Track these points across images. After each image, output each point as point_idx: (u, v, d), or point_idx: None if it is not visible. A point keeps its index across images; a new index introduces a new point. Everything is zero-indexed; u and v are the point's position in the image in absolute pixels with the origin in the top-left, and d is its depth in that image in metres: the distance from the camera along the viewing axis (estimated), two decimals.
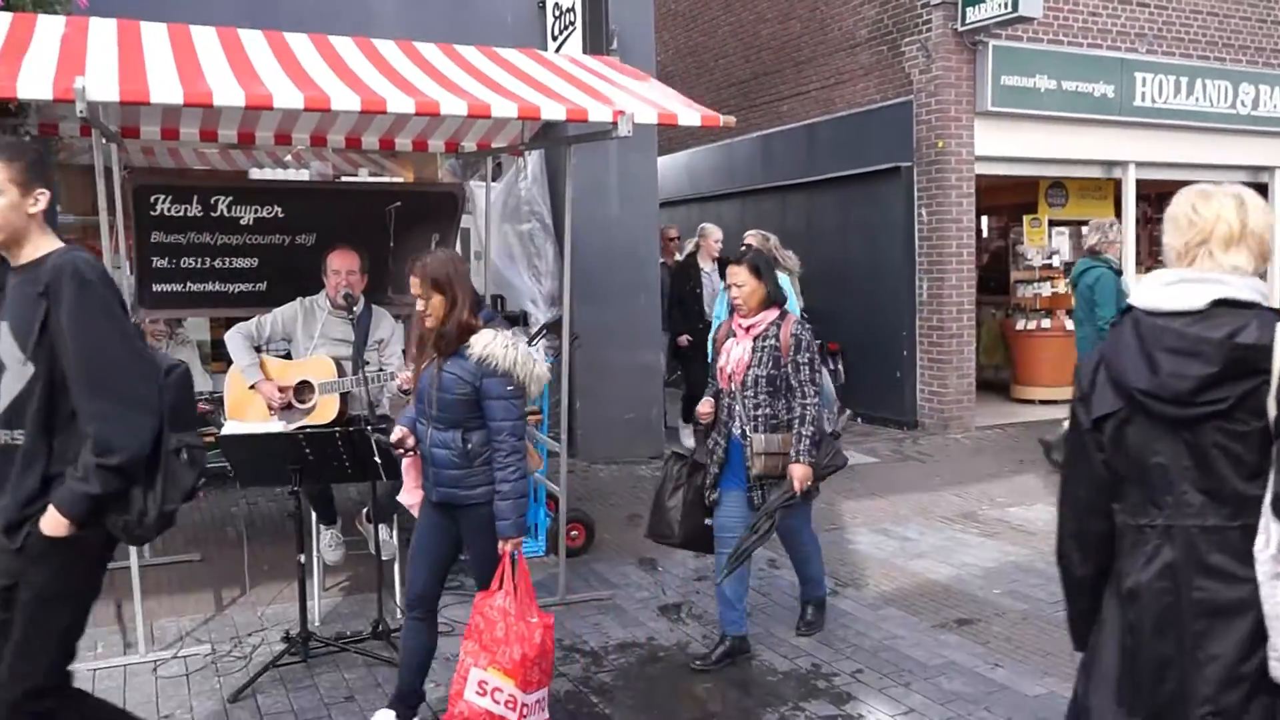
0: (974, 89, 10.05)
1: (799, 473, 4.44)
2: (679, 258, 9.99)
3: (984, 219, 13.06)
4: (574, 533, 6.17)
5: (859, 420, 10.55)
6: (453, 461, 3.71)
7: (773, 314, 4.56)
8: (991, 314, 12.37)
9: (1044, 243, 11.80)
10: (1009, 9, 9.29)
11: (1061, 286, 11.35)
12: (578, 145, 5.60)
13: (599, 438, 8.74)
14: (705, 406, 4.71)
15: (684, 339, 9.07)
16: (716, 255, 8.88)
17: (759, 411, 4.50)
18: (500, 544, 3.71)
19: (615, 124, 4.69)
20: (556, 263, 8.75)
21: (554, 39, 8.33)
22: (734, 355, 4.57)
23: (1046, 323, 11.53)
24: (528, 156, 8.56)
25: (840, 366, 9.96)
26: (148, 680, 4.54)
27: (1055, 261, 11.69)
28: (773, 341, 4.49)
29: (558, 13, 8.28)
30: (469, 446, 3.69)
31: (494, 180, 8.03)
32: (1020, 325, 11.71)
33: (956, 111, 10.00)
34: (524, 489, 3.73)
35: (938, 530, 6.88)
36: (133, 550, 4.81)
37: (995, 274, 12.68)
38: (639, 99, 5.08)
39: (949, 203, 10.04)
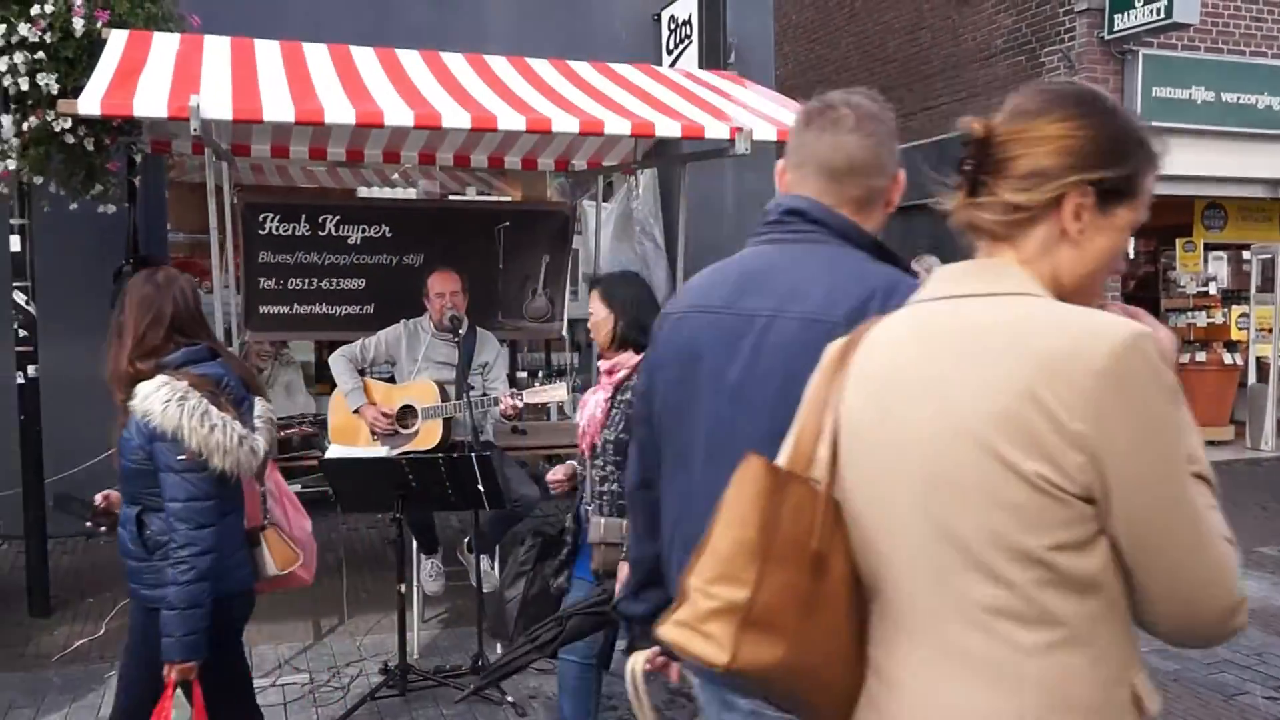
0: (1121, 101, 9.77)
1: (625, 573, 3.30)
2: None
3: (1130, 241, 12.66)
4: None
5: None
6: (128, 549, 3.05)
7: (634, 359, 3.52)
8: None
9: (1199, 269, 11.37)
10: (1162, 15, 9.04)
11: (1219, 317, 10.92)
12: (692, 163, 5.63)
13: None
14: (560, 472, 3.91)
15: None
16: None
17: (605, 487, 3.50)
18: (165, 669, 2.89)
19: (733, 141, 4.71)
20: (668, 284, 8.79)
21: (669, 52, 8.41)
22: (589, 409, 3.65)
23: (1201, 355, 11.09)
24: (640, 175, 8.64)
25: None
26: None
27: (1212, 289, 11.25)
28: (628, 396, 3.44)
29: (674, 26, 8.36)
30: (146, 532, 3.00)
31: (604, 200, 8.13)
32: None
33: None
34: (198, 597, 2.87)
35: None
36: None
37: (1143, 302, 12.27)
38: (758, 115, 5.09)
39: None
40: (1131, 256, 12.65)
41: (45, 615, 5.81)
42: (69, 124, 5.01)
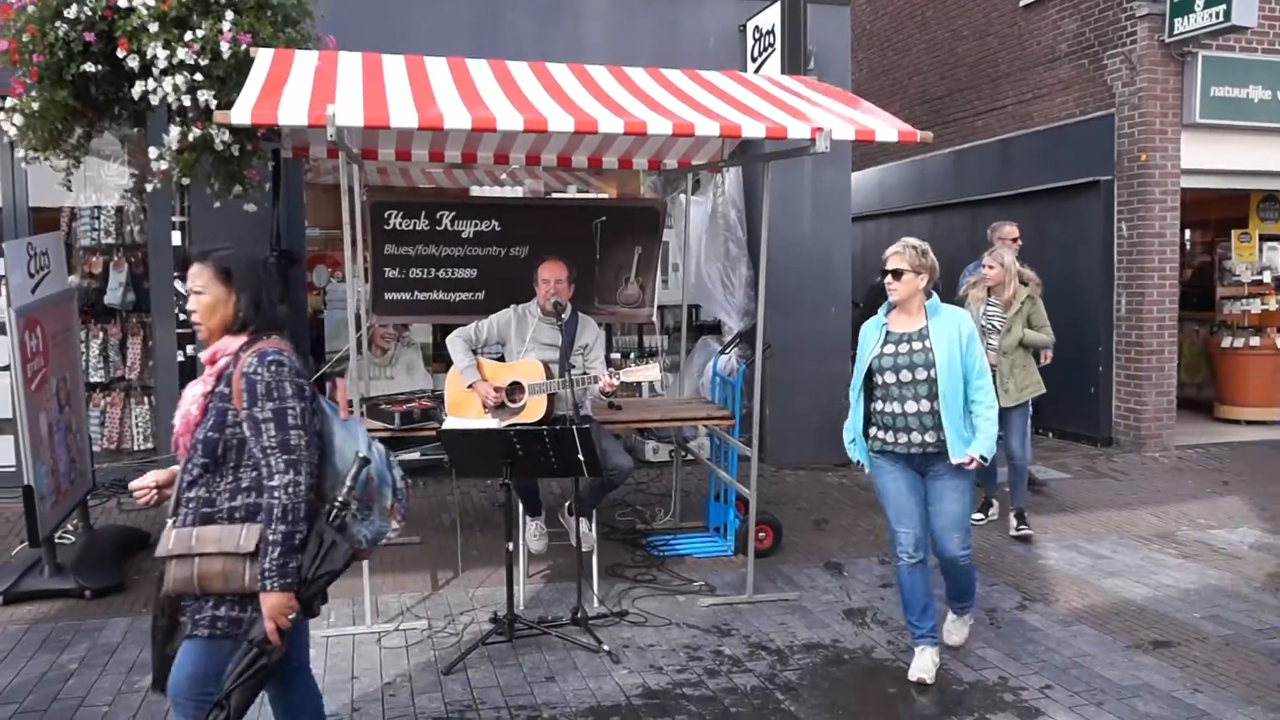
0: (1181, 101, 9.41)
1: (271, 605, 2.70)
2: (878, 280, 8.52)
3: (1187, 233, 12.20)
4: (762, 534, 6.14)
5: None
6: None
7: (235, 343, 2.88)
8: (1194, 330, 11.53)
9: (1254, 258, 10.91)
10: (1221, 19, 8.66)
11: (1273, 304, 10.48)
12: (774, 161, 5.58)
13: (788, 444, 8.66)
14: (148, 479, 3.02)
15: None
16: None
17: (193, 492, 2.83)
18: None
19: (813, 140, 4.64)
20: (750, 275, 8.73)
21: (754, 60, 8.32)
22: (184, 404, 2.88)
23: (1256, 340, 10.65)
24: (725, 173, 8.58)
25: None
26: (373, 649, 4.79)
27: (1266, 277, 10.78)
28: (224, 388, 2.81)
29: (758, 35, 8.27)
30: None
31: (693, 196, 8.10)
32: (1227, 343, 10.86)
33: (1161, 124, 9.39)
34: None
35: (1133, 549, 6.47)
36: None
37: (1199, 289, 11.82)
38: (836, 116, 5.01)
39: (1151, 217, 9.43)
40: (1188, 248, 12.21)
41: None
42: (225, 134, 5.15)
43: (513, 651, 4.73)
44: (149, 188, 5.68)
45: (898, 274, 4.38)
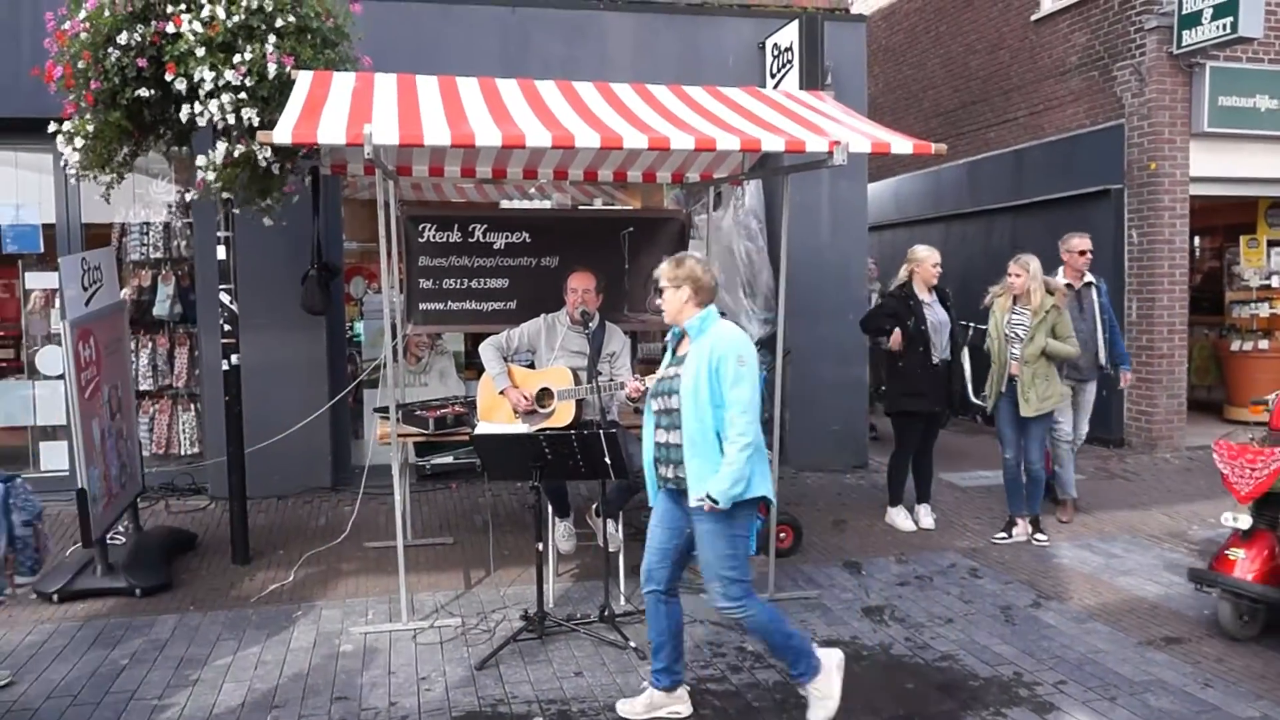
0: (1189, 110, 9.32)
1: None
2: (890, 288, 7.50)
3: (1196, 239, 12.07)
4: (782, 534, 6.12)
5: None
6: None
7: None
8: (1204, 334, 11.40)
9: (1263, 263, 10.78)
10: (1228, 30, 8.57)
11: None
12: (793, 174, 5.57)
13: (807, 446, 8.63)
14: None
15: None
16: (935, 283, 6.83)
17: None
18: None
19: (831, 154, 4.63)
20: (771, 283, 8.71)
21: (772, 76, 8.31)
22: None
23: (1265, 343, 10.52)
24: (746, 185, 8.57)
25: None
26: (408, 645, 4.81)
27: (1274, 282, 10.65)
28: None
29: (776, 52, 8.26)
30: None
31: (715, 209, 8.10)
32: (1236, 346, 10.73)
33: (1170, 134, 9.30)
34: None
35: (1145, 548, 6.40)
36: (399, 532, 5.14)
37: (1208, 294, 11.69)
38: (853, 130, 5.00)
39: (1161, 224, 9.34)
40: (1197, 254, 12.07)
41: (245, 564, 6.06)
42: (268, 151, 5.20)
43: (543, 647, 4.74)
44: (188, 197, 5.74)
45: (659, 290, 3.91)
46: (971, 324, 6.96)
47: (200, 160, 5.37)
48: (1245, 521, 4.84)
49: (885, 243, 12.95)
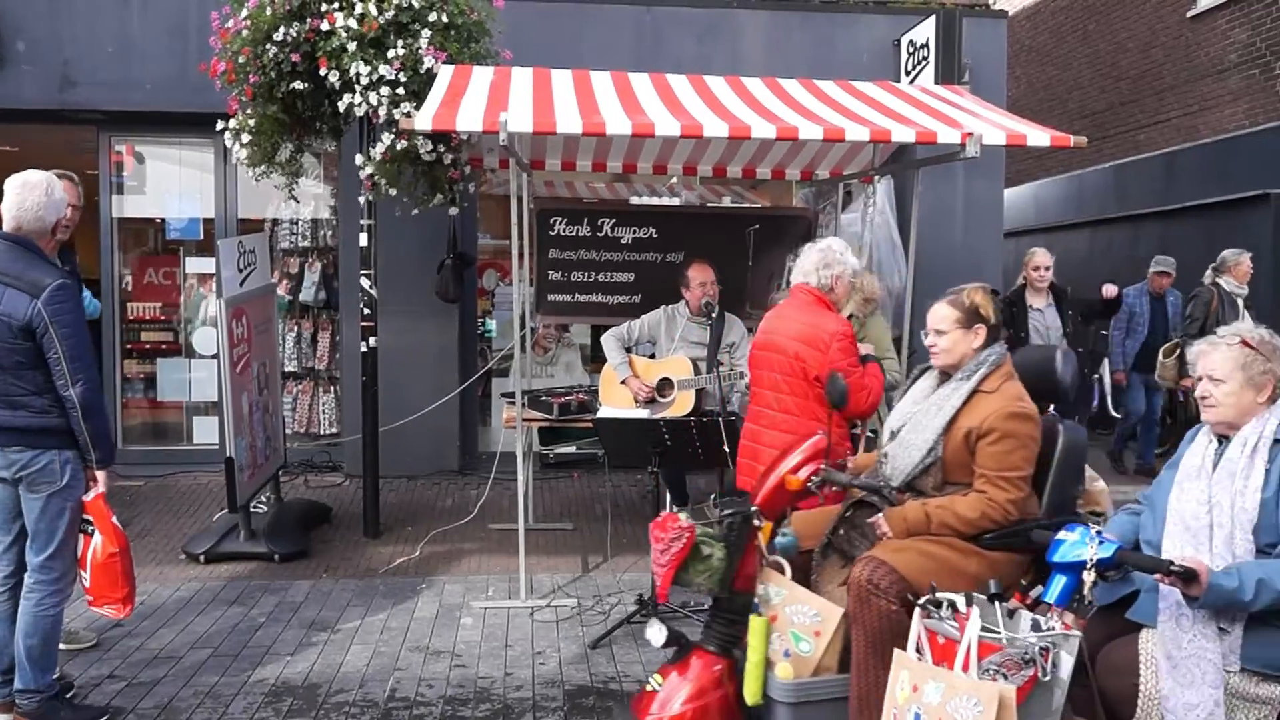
0: None
1: None
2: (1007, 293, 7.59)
3: None
4: None
5: None
6: None
7: None
8: None
9: None
10: None
11: None
12: (925, 171, 5.47)
13: None
14: None
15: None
16: (1042, 285, 7.01)
17: None
18: None
19: (963, 146, 4.54)
20: (901, 284, 8.55)
21: (907, 74, 8.18)
22: None
23: None
24: (876, 184, 8.45)
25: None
26: (526, 622, 4.95)
27: None
28: None
29: (911, 49, 8.13)
30: None
31: (843, 209, 8.02)
32: None
33: None
34: None
35: None
36: (520, 515, 5.28)
37: None
38: (987, 122, 4.89)
39: None
40: None
41: (375, 537, 6.32)
42: (429, 145, 5.44)
43: None
44: (361, 200, 6.05)
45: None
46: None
47: (359, 159, 5.65)
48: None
49: (1024, 248, 12.49)
